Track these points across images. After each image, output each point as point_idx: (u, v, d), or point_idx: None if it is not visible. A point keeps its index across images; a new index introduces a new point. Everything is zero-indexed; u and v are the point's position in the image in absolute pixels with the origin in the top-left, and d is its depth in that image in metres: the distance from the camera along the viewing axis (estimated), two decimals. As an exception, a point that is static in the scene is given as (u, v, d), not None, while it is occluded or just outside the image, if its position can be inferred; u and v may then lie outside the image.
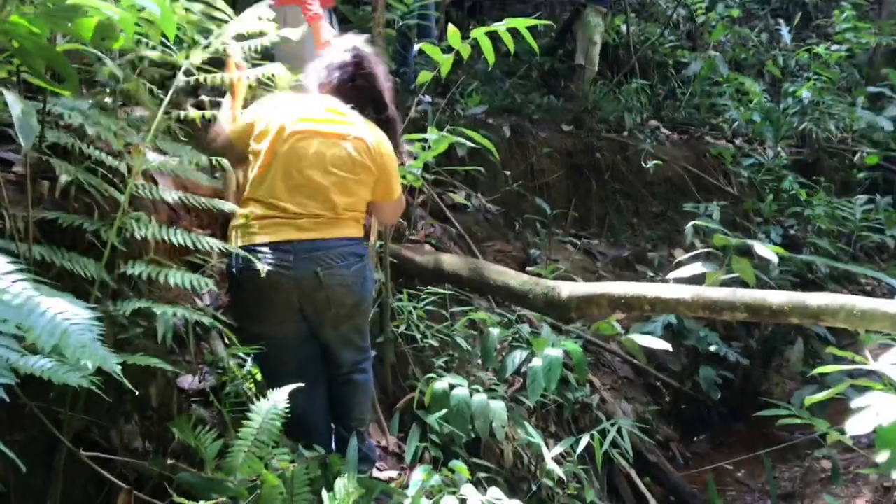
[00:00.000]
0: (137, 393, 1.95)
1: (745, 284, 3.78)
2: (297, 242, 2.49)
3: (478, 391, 3.20)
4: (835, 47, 7.60)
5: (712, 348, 5.06)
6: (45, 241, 2.09)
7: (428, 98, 5.39)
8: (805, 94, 6.89)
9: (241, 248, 2.45)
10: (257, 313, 2.55)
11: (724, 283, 3.48)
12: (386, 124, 2.77)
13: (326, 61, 2.75)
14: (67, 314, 1.32)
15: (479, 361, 3.83)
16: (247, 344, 2.55)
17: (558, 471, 3.22)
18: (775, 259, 3.62)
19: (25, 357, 1.38)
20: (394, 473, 3.01)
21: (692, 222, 4.88)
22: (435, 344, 3.72)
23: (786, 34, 8.48)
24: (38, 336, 1.28)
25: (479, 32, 3.48)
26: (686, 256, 4.29)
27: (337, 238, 2.56)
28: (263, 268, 2.30)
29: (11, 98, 1.71)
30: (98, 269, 1.99)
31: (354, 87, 2.71)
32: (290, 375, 2.43)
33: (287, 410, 2.09)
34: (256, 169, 2.55)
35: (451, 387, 3.15)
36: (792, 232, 6.63)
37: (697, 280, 3.45)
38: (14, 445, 1.29)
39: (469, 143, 3.97)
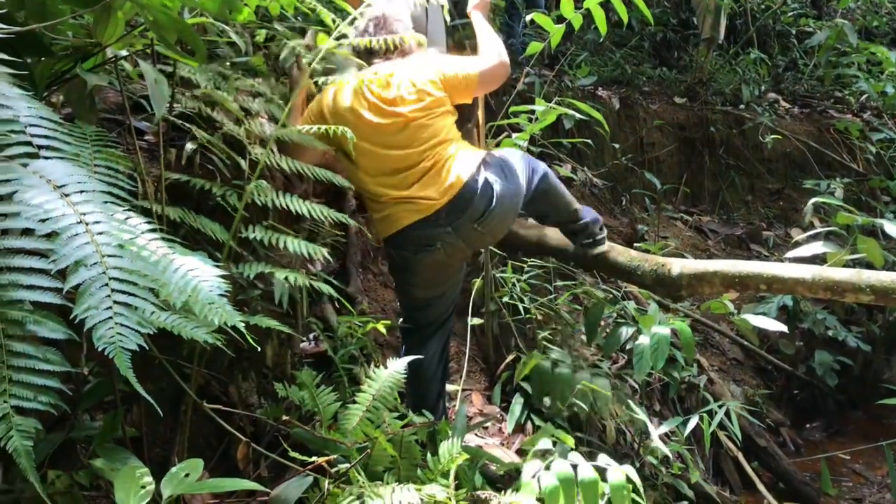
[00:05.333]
0: (258, 350, 2.05)
1: (870, 266, 3.57)
2: (441, 209, 2.58)
3: (581, 367, 3.17)
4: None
5: (830, 332, 4.81)
6: (173, 206, 2.21)
7: (534, 70, 5.33)
8: (947, 63, 6.37)
9: (399, 232, 2.61)
10: (435, 280, 2.75)
11: (846, 265, 3.29)
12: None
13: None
14: (197, 272, 1.40)
15: (583, 337, 3.80)
16: (413, 304, 2.85)
17: (664, 449, 3.16)
18: (906, 239, 3.39)
19: (157, 313, 1.47)
20: (496, 441, 3.03)
21: (813, 200, 4.62)
22: (539, 317, 3.71)
23: (926, -2, 7.83)
24: (171, 291, 1.35)
25: (592, 2, 3.40)
26: (804, 236, 4.09)
27: (465, 184, 2.58)
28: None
29: (146, 67, 1.81)
30: (225, 232, 2.09)
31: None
32: (432, 331, 2.81)
33: (405, 379, 2.15)
34: (358, 164, 2.62)
35: (555, 364, 3.13)
36: (927, 212, 6.19)
37: (817, 260, 3.28)
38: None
39: (577, 116, 3.91)
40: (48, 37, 1.76)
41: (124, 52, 2.04)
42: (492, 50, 2.80)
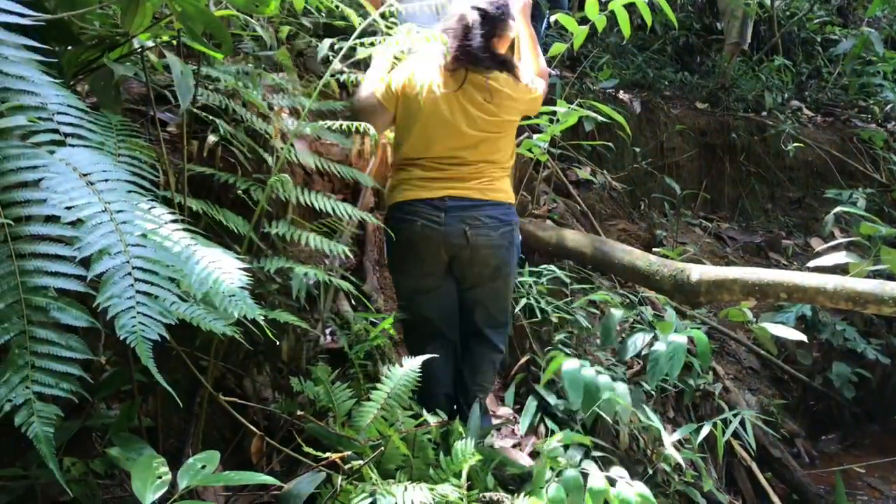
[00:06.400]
0: (277, 344, 2.04)
1: (892, 278, 3.53)
2: (449, 199, 2.58)
3: (599, 372, 3.15)
4: None
5: (849, 344, 4.76)
6: (194, 197, 2.21)
7: (556, 72, 5.30)
8: (975, 75, 6.29)
9: (398, 203, 2.62)
10: (406, 264, 2.70)
11: (868, 276, 3.25)
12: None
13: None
14: (219, 264, 1.39)
15: (598, 341, 3.77)
16: (401, 293, 2.78)
17: (677, 457, 3.13)
18: (930, 252, 3.34)
19: (177, 303, 1.47)
20: (509, 443, 3.02)
21: (835, 210, 4.58)
22: (554, 320, 3.69)
23: (955, 9, 7.73)
24: (192, 282, 1.35)
25: (616, 4, 3.39)
26: (825, 246, 4.05)
27: (488, 200, 2.62)
28: (417, 221, 2.56)
29: (173, 59, 1.81)
30: (246, 225, 2.09)
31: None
32: (428, 332, 2.72)
33: (419, 377, 2.14)
34: (408, 130, 2.63)
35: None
36: (951, 225, 6.11)
37: (838, 270, 3.25)
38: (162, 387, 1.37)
39: (598, 118, 3.89)
40: (76, 26, 1.76)
41: (151, 43, 2.05)
42: (544, 71, 2.85)
